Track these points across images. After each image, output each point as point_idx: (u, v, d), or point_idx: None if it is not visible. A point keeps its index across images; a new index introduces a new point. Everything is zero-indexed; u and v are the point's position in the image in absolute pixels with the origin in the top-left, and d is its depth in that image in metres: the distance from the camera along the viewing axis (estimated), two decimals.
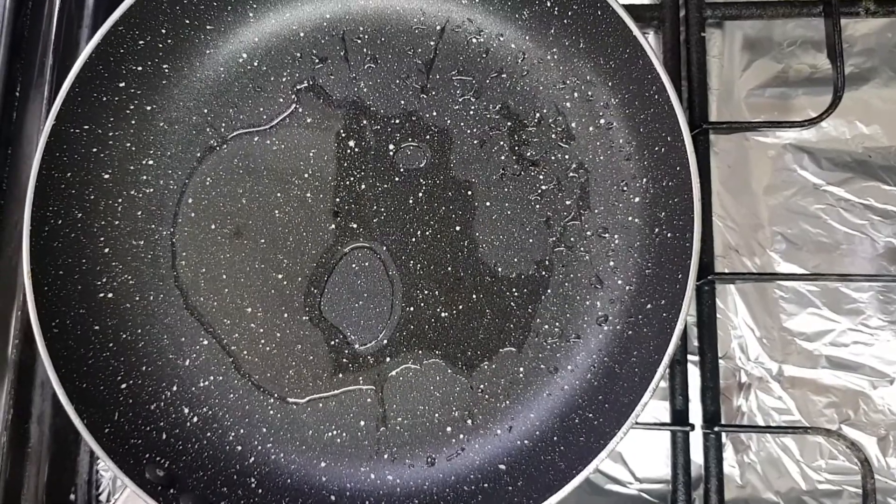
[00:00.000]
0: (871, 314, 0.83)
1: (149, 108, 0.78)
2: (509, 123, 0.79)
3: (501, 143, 0.79)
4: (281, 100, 0.80)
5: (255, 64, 0.80)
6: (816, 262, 0.84)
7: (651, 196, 0.74)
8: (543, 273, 0.77)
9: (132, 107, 0.77)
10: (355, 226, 0.78)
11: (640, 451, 0.82)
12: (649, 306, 0.72)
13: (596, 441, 0.67)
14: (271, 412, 0.75)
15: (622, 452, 0.82)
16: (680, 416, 0.77)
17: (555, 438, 0.72)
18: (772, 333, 0.83)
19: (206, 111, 0.80)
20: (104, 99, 0.75)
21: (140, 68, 0.76)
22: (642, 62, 0.71)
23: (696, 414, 0.80)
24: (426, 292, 0.77)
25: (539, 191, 0.78)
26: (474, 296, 0.77)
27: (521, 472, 0.71)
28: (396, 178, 0.79)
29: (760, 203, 0.85)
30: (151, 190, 0.78)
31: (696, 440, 0.79)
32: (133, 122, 0.77)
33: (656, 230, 0.73)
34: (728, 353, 0.83)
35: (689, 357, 0.81)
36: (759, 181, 0.86)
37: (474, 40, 0.81)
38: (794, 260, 0.84)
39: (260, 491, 0.72)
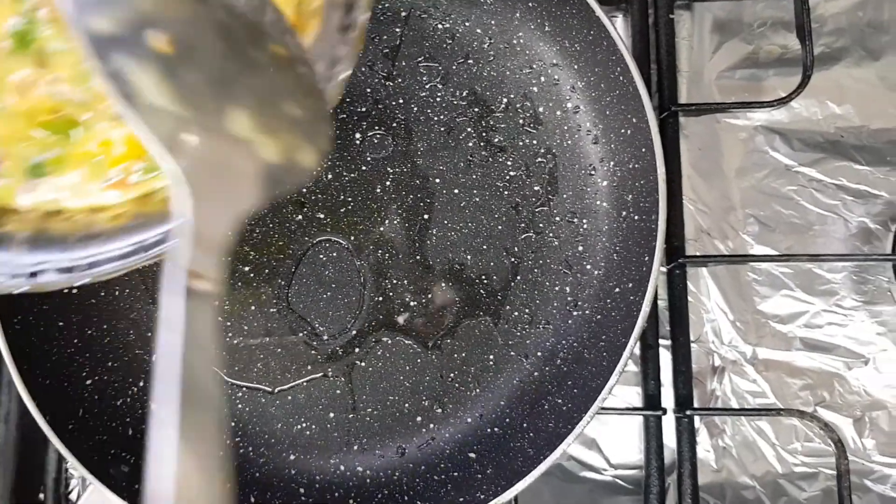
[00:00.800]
0: (844, 295, 0.82)
1: None
2: (476, 109, 0.78)
3: (469, 129, 0.78)
4: None
5: None
6: (789, 244, 0.83)
7: (618, 179, 0.74)
8: (513, 260, 0.76)
9: None
10: (322, 216, 0.77)
11: (614, 438, 0.81)
12: (617, 290, 0.71)
13: (564, 426, 0.66)
14: (240, 406, 0.74)
15: (596, 439, 0.81)
16: (652, 401, 0.77)
17: (524, 425, 0.71)
18: (745, 316, 0.83)
19: None
20: None
21: None
22: (606, 44, 0.71)
23: (669, 399, 0.80)
24: (395, 282, 0.76)
25: (507, 177, 0.77)
26: (444, 284, 0.76)
27: (490, 459, 0.70)
28: (363, 168, 0.78)
29: (732, 185, 0.85)
30: None
31: (670, 425, 0.79)
32: None
33: (623, 213, 0.73)
34: (701, 336, 0.82)
35: (662, 342, 0.80)
36: (730, 163, 0.85)
37: (440, 26, 0.80)
38: (767, 242, 0.84)
39: (227, 485, 0.71)
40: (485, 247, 0.76)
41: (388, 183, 0.78)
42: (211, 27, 0.38)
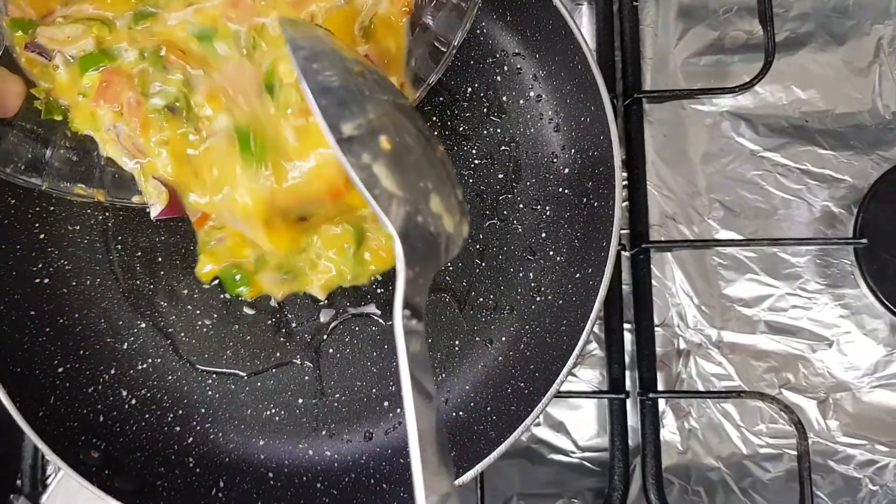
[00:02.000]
0: (808, 278, 0.83)
1: None
2: (441, 99, 0.79)
3: (433, 118, 0.79)
4: None
5: None
6: (754, 229, 0.84)
7: (579, 166, 0.75)
8: (477, 247, 0.77)
9: None
10: None
11: (581, 421, 0.83)
12: (578, 275, 0.72)
13: (525, 409, 0.67)
14: (210, 392, 0.76)
15: (564, 422, 0.83)
16: (616, 384, 0.78)
17: (488, 409, 0.72)
18: (710, 300, 0.84)
19: None
20: None
21: None
22: (564, 32, 0.71)
23: (634, 382, 0.81)
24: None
25: (471, 165, 0.78)
26: None
27: (454, 442, 0.71)
28: None
29: (697, 171, 0.86)
30: None
31: (635, 408, 0.80)
32: None
33: (584, 200, 0.74)
34: (666, 320, 0.83)
35: (626, 326, 0.81)
36: (696, 149, 0.86)
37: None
38: (732, 227, 0.85)
39: (198, 470, 0.72)
40: None
41: None
42: (410, 132, 0.53)
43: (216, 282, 0.76)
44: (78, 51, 0.63)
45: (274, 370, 0.76)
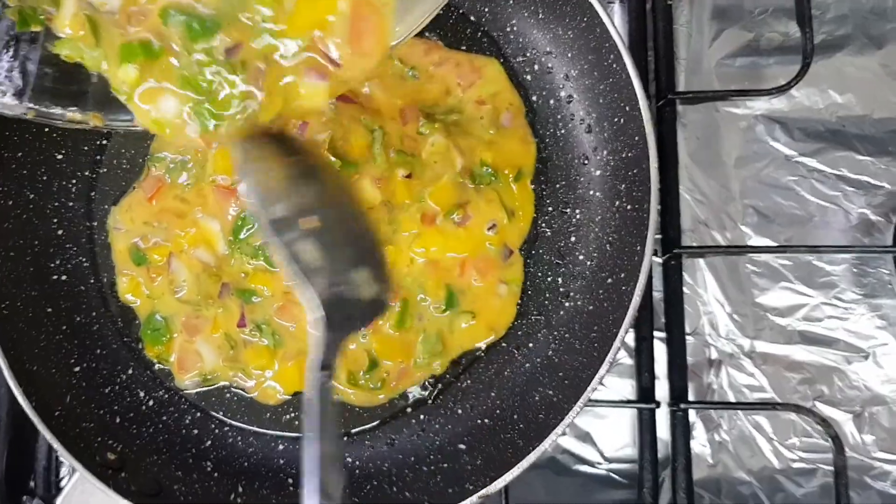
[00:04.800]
0: (844, 287, 0.81)
1: None
2: None
3: None
4: None
5: None
6: (789, 235, 0.82)
7: (611, 169, 0.73)
8: None
9: None
10: None
11: (609, 431, 0.80)
12: (609, 280, 0.70)
13: (554, 417, 0.65)
14: (228, 395, 0.74)
15: (591, 433, 0.80)
16: (645, 394, 0.76)
17: (514, 416, 0.70)
18: (743, 309, 0.81)
19: None
20: None
21: None
22: (599, 31, 0.69)
23: (664, 392, 0.78)
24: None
25: None
26: None
27: (480, 451, 0.69)
28: None
29: (731, 175, 0.83)
30: (106, 170, 0.77)
31: (665, 419, 0.78)
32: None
33: (616, 203, 0.72)
34: (697, 329, 0.81)
35: (657, 334, 0.79)
36: (729, 153, 0.84)
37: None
38: (766, 233, 0.82)
39: (216, 475, 0.71)
40: None
41: None
42: (338, 215, 0.57)
43: None
44: None
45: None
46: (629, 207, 0.70)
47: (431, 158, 0.71)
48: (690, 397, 0.77)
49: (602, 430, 0.80)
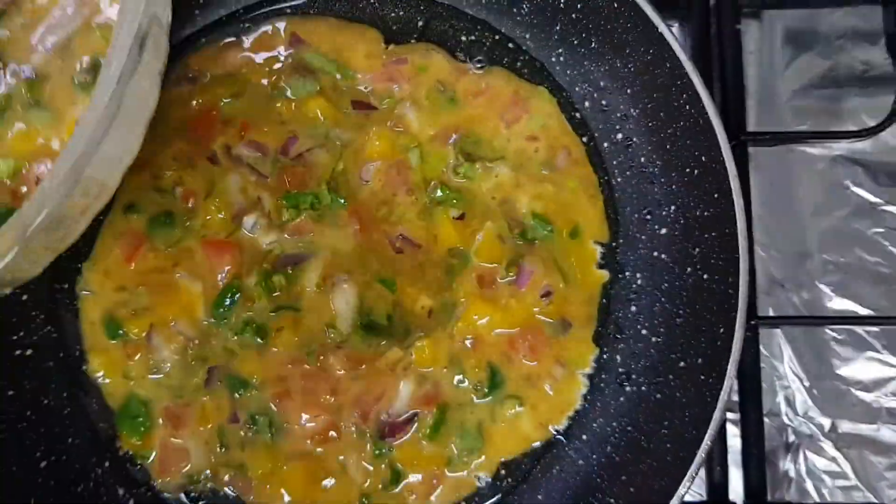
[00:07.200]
0: None
1: None
2: None
3: None
4: None
5: None
6: (875, 298, 0.71)
7: (681, 228, 0.61)
8: None
9: None
10: None
11: None
12: (682, 364, 0.59)
13: None
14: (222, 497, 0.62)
15: None
16: (718, 491, 0.64)
17: None
18: (823, 383, 0.71)
19: None
20: None
21: None
22: (669, 65, 0.58)
23: (737, 484, 0.67)
24: None
25: None
26: None
27: None
28: None
29: (808, 226, 0.73)
30: None
31: None
32: None
33: (689, 270, 0.60)
34: (773, 408, 0.70)
35: (728, 415, 0.68)
36: (805, 200, 0.73)
37: (464, 38, 0.68)
38: (849, 294, 0.72)
39: None
40: None
41: None
42: None
43: None
44: None
45: None
46: (706, 277, 0.58)
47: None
48: (768, 494, 0.66)
49: None
